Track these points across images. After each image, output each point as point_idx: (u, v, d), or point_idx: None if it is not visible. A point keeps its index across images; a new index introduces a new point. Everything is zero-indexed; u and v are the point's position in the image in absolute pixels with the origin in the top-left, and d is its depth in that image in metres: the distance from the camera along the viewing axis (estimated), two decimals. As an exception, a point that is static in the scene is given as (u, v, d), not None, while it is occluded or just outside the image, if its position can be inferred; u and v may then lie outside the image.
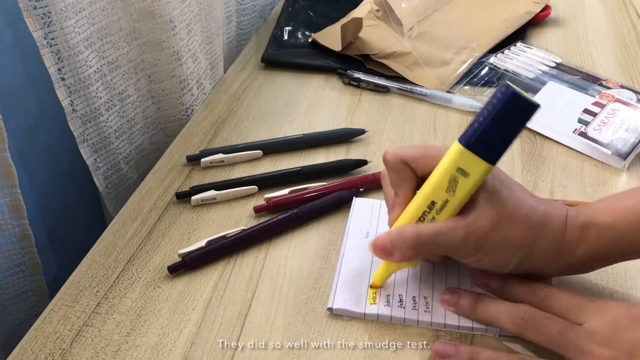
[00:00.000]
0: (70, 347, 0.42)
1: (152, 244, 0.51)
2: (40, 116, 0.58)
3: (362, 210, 0.52)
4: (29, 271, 0.53)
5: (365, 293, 0.45)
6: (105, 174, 0.63)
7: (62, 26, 0.51)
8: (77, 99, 0.56)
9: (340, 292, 0.45)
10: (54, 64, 0.52)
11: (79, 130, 0.57)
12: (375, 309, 0.44)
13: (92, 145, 0.60)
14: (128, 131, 0.64)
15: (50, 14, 0.50)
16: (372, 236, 0.49)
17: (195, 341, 0.43)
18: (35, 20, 0.49)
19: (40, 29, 0.50)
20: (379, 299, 0.44)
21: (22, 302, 0.54)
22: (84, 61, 0.54)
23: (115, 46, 0.59)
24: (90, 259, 0.50)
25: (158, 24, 0.60)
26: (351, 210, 0.53)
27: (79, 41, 0.53)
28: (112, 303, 0.46)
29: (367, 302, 0.44)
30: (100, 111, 0.59)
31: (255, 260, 0.49)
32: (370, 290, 0.45)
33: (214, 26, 0.71)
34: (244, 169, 0.59)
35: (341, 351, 0.42)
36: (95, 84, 0.57)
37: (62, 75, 0.54)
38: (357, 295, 0.45)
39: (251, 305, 0.45)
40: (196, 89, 0.69)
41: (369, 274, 0.46)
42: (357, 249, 0.49)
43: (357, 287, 0.45)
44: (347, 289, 0.45)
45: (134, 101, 0.64)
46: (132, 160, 0.66)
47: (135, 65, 0.62)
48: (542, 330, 0.39)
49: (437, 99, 0.68)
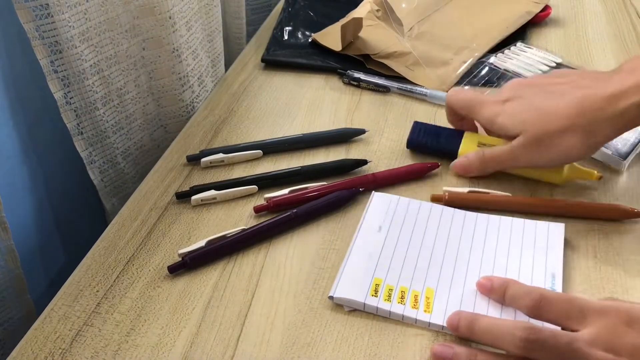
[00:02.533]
0: (70, 346, 0.42)
1: (152, 243, 0.51)
2: (42, 112, 0.59)
3: (380, 204, 0.53)
4: (7, 266, 0.53)
5: (369, 285, 0.45)
6: (101, 168, 0.63)
7: (53, 20, 0.51)
8: (71, 92, 0.56)
9: (344, 282, 0.46)
10: (46, 56, 0.53)
11: (73, 123, 0.58)
12: (376, 301, 0.44)
13: (87, 139, 0.60)
14: (127, 126, 0.64)
15: (43, 7, 0.50)
16: (384, 231, 0.50)
17: (195, 341, 0.43)
18: (26, 13, 0.50)
19: (32, 21, 0.50)
20: (380, 292, 0.45)
21: (2, 299, 0.54)
22: (78, 55, 0.55)
23: (114, 42, 0.59)
24: (90, 258, 0.50)
25: (158, 21, 0.61)
26: (369, 202, 0.53)
27: (73, 35, 0.53)
28: (112, 303, 0.46)
29: (368, 293, 0.44)
30: (96, 105, 0.59)
31: (255, 259, 0.49)
32: (373, 282, 0.45)
33: (214, 23, 0.71)
34: (244, 168, 0.59)
35: (341, 352, 0.42)
36: (91, 78, 0.57)
37: (55, 68, 0.54)
38: (360, 286, 0.45)
39: (251, 305, 0.45)
40: (197, 86, 0.69)
41: (374, 267, 0.47)
42: (368, 242, 0.49)
43: (361, 278, 0.46)
44: (351, 279, 0.46)
45: (134, 97, 0.64)
46: (130, 155, 0.66)
47: (135, 62, 0.63)
48: (545, 348, 0.38)
49: (437, 98, 0.68)
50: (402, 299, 0.44)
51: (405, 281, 0.46)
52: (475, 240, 0.49)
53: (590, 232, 0.50)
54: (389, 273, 0.46)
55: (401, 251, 0.48)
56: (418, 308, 0.44)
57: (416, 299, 0.44)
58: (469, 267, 0.47)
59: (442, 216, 0.51)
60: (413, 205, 0.52)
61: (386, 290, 0.45)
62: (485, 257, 0.48)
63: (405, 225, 0.51)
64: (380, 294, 0.45)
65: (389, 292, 0.45)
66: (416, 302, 0.44)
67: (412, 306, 0.44)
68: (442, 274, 0.46)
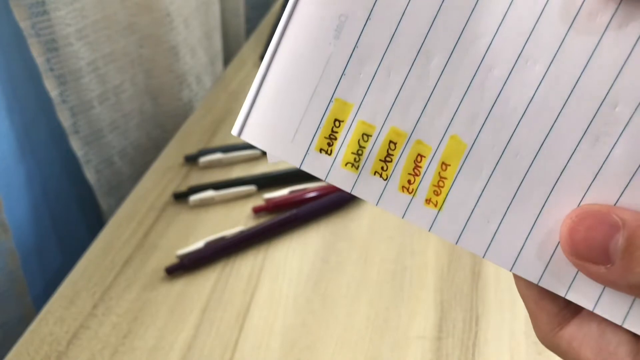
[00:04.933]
0: (66, 349, 0.42)
1: (149, 245, 0.50)
2: (38, 111, 0.58)
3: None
4: (7, 268, 0.53)
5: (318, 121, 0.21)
6: (97, 167, 0.62)
7: (49, 17, 0.51)
8: (67, 90, 0.56)
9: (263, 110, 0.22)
10: (42, 54, 0.52)
11: (69, 122, 0.57)
12: (330, 161, 0.21)
13: (83, 138, 0.59)
14: (123, 125, 0.64)
15: (39, 4, 0.50)
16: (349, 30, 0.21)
17: (193, 344, 0.42)
18: (22, 10, 0.49)
19: (28, 18, 0.50)
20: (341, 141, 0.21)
21: (1, 301, 0.54)
22: (74, 53, 0.54)
23: (110, 39, 0.58)
24: (87, 259, 0.49)
25: (155, 19, 0.60)
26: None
27: (69, 33, 0.53)
28: (109, 305, 0.45)
29: (313, 142, 0.22)
30: (93, 104, 0.58)
31: (254, 261, 0.48)
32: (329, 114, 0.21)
33: (213, 21, 0.71)
34: (243, 168, 0.58)
35: (341, 354, 0.41)
36: (87, 76, 0.57)
37: (51, 66, 0.53)
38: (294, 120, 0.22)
39: (250, 307, 0.45)
40: (195, 85, 0.69)
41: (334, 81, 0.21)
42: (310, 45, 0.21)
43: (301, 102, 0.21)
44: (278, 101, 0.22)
45: (131, 95, 0.63)
46: (127, 155, 0.66)
47: (132, 60, 0.62)
48: None
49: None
50: (386, 161, 0.21)
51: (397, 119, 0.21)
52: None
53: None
54: (368, 95, 0.21)
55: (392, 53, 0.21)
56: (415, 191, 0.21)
57: (417, 167, 0.21)
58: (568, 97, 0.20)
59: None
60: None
61: (354, 137, 0.21)
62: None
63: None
64: (340, 144, 0.21)
65: (358, 140, 0.21)
66: (415, 176, 0.21)
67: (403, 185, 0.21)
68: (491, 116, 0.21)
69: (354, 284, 0.46)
